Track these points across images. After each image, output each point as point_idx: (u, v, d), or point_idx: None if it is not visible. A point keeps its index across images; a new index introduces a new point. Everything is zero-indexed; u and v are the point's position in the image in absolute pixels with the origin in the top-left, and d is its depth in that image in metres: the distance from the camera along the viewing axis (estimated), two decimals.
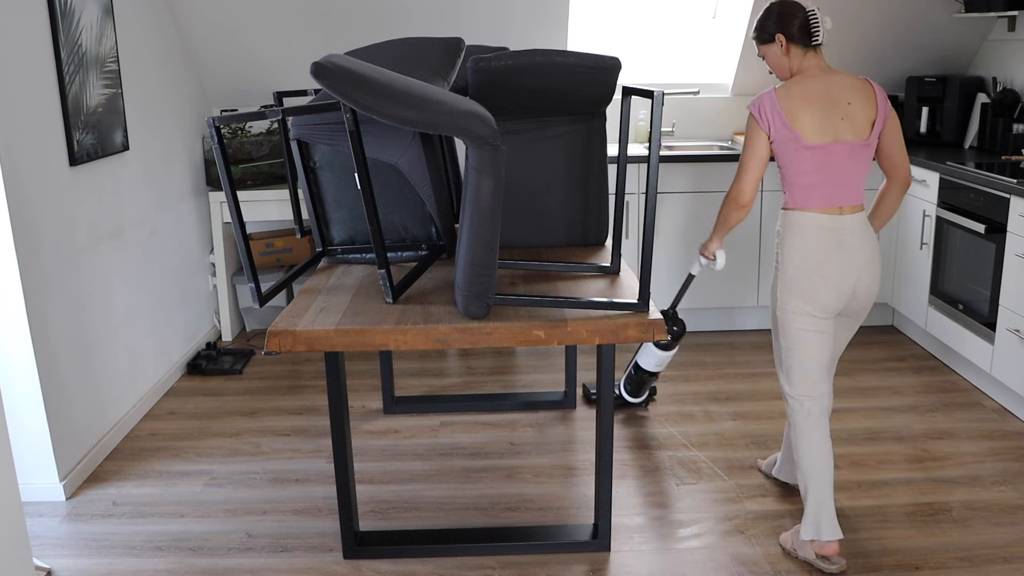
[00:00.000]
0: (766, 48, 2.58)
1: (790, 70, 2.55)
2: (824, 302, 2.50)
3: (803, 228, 2.50)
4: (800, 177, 2.49)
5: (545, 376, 4.01)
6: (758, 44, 2.60)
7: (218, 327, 4.59)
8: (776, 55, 2.55)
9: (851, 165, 2.47)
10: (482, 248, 2.20)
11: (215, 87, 4.50)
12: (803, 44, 2.51)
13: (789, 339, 2.55)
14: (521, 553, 2.65)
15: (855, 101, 2.47)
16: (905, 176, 2.58)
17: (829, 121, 2.45)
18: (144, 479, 3.15)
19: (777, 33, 2.51)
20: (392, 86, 2.07)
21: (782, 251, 2.55)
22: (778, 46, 2.53)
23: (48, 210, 2.98)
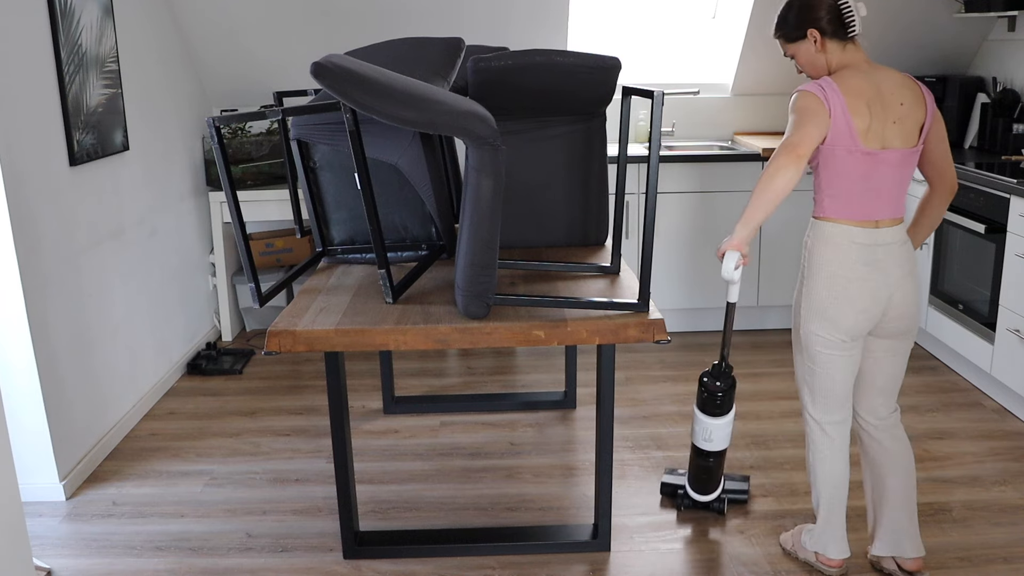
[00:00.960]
0: (795, 46, 2.29)
1: (827, 68, 2.27)
2: (850, 326, 2.28)
3: (834, 243, 2.25)
4: (842, 185, 2.23)
5: (545, 376, 4.01)
6: (784, 43, 2.32)
7: (218, 327, 4.59)
8: (809, 53, 2.27)
9: (897, 175, 2.22)
10: (482, 248, 2.20)
11: (215, 87, 4.50)
12: (839, 36, 2.23)
13: (813, 360, 2.35)
14: (521, 553, 2.65)
15: (907, 101, 2.21)
16: (952, 183, 2.33)
17: (881, 125, 2.19)
18: (144, 479, 3.15)
19: (809, 28, 2.23)
20: (392, 86, 2.07)
21: (809, 265, 2.31)
22: (811, 43, 2.25)
23: (48, 210, 2.98)
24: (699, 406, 2.63)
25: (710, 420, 2.61)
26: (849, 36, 2.23)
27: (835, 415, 2.39)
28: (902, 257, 2.28)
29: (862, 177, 2.21)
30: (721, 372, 2.58)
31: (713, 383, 2.59)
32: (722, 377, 2.57)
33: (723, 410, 2.60)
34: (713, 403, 2.59)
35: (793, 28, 2.27)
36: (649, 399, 3.73)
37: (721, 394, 2.57)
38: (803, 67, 2.33)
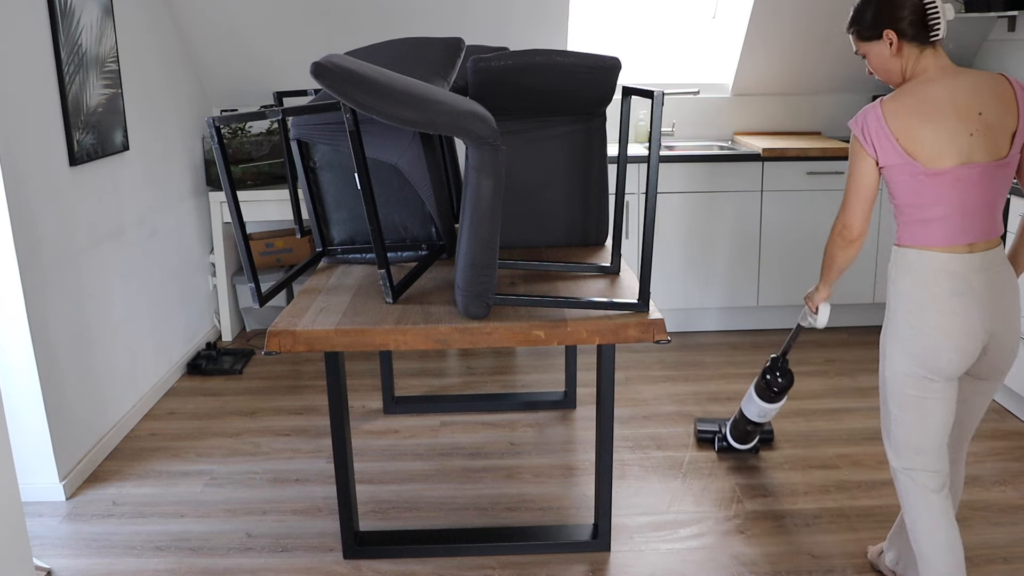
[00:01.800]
0: (868, 46, 2.07)
1: (902, 74, 2.05)
2: (942, 365, 2.03)
3: (920, 273, 2.02)
4: (918, 211, 2.02)
5: (545, 376, 4.01)
6: (857, 40, 2.11)
7: (218, 327, 4.59)
8: (883, 56, 2.05)
9: (985, 191, 1.98)
10: (482, 248, 2.20)
11: (215, 87, 4.50)
12: (919, 40, 2.00)
13: (899, 405, 2.10)
14: (521, 553, 2.65)
15: (989, 109, 1.97)
16: None
17: (955, 139, 1.95)
18: (144, 479, 3.15)
19: (886, 29, 2.01)
20: (392, 86, 2.07)
21: (892, 297, 2.09)
22: (886, 45, 2.03)
23: (48, 210, 2.98)
24: (758, 392, 2.96)
25: (766, 404, 2.97)
26: (931, 41, 2.01)
27: (931, 465, 2.11)
28: (1003, 283, 2.02)
29: (938, 199, 1.98)
30: (782, 367, 2.91)
31: (776, 378, 2.91)
32: (783, 373, 2.90)
33: (779, 398, 2.95)
34: (770, 392, 2.93)
35: (869, 26, 2.05)
36: (649, 399, 3.73)
37: (778, 389, 2.92)
38: (874, 70, 2.11)
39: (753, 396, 2.99)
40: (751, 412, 3.02)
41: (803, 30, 4.36)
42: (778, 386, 2.91)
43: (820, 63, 4.59)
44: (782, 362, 2.90)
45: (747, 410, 3.04)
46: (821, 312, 2.40)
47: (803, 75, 4.66)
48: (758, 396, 2.96)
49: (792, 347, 2.78)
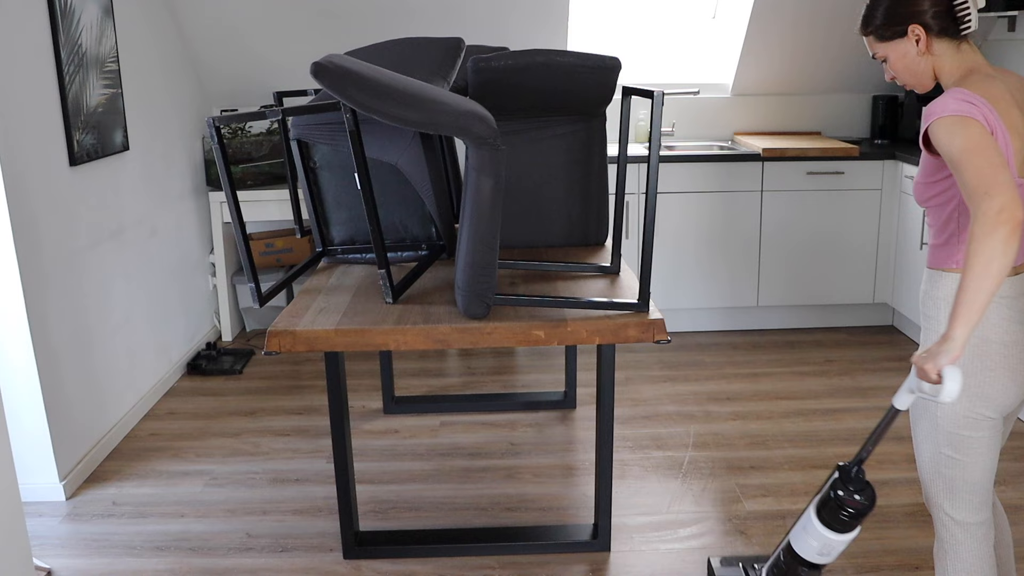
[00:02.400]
0: (889, 47, 1.81)
1: (932, 75, 1.80)
2: (1009, 402, 1.80)
3: None
4: None
5: (545, 376, 4.01)
6: (876, 42, 1.84)
7: (218, 327, 4.59)
8: (908, 56, 1.79)
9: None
10: (482, 248, 2.20)
11: (215, 87, 4.50)
12: (949, 34, 1.75)
13: (956, 448, 1.83)
14: (521, 553, 2.65)
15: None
16: None
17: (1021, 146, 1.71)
18: (144, 479, 3.15)
19: (911, 24, 1.76)
20: (392, 86, 2.07)
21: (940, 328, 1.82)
22: (911, 43, 1.77)
23: (48, 210, 2.98)
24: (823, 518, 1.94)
25: (835, 536, 1.93)
26: (962, 34, 1.76)
27: (981, 513, 1.88)
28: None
29: None
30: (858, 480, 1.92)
31: (851, 496, 1.88)
32: (861, 488, 1.90)
33: (854, 525, 1.93)
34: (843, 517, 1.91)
35: (887, 23, 1.79)
36: (649, 399, 3.73)
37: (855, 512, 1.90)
38: (897, 73, 1.84)
39: (814, 524, 1.96)
40: (809, 549, 2.01)
41: (803, 30, 4.36)
42: (856, 508, 1.90)
43: (820, 63, 4.59)
44: (857, 471, 1.93)
45: (802, 546, 2.02)
46: (949, 379, 1.60)
47: (803, 75, 4.66)
48: (823, 524, 1.95)
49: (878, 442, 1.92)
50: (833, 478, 1.94)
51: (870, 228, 4.35)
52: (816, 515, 1.95)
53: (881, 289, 4.43)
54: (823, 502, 1.94)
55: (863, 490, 1.89)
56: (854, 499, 1.88)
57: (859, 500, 1.88)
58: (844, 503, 1.89)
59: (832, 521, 1.92)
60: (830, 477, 1.96)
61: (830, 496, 1.92)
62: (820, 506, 1.95)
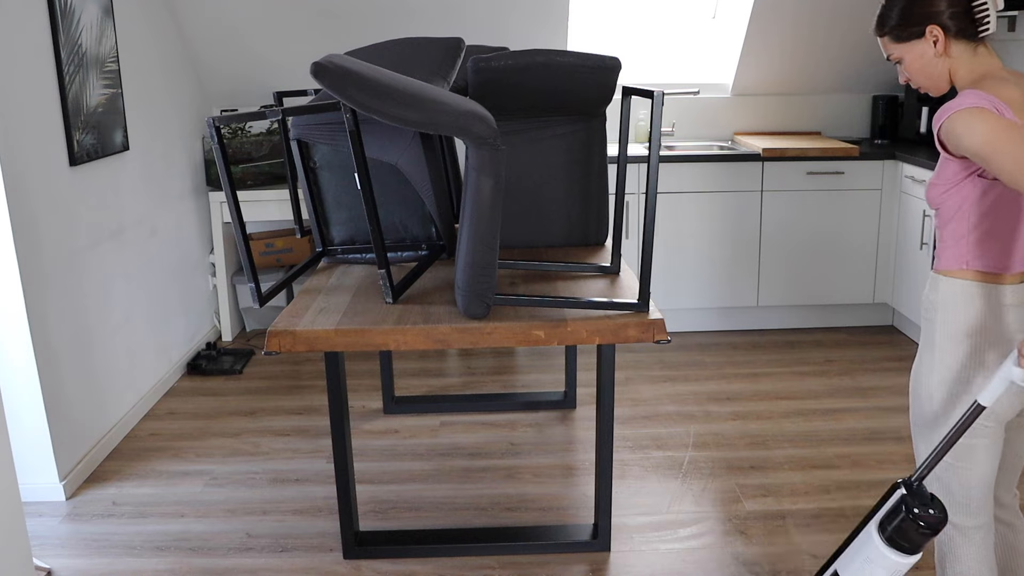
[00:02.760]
0: (905, 48, 1.78)
1: (948, 78, 1.77)
2: (1001, 408, 1.78)
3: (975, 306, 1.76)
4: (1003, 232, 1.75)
5: (545, 376, 4.01)
6: (891, 43, 1.81)
7: (218, 327, 4.59)
8: (924, 58, 1.76)
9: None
10: (482, 248, 2.20)
11: (215, 87, 4.50)
12: (967, 35, 1.72)
13: (954, 454, 1.84)
14: (521, 553, 2.65)
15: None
16: None
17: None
18: (144, 479, 3.15)
19: (929, 24, 1.73)
20: (392, 86, 2.07)
21: (944, 336, 1.79)
22: (929, 44, 1.74)
23: (48, 210, 2.98)
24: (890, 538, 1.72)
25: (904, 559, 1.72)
26: (980, 36, 1.73)
27: (980, 517, 1.87)
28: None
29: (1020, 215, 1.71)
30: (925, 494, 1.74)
31: (926, 511, 1.69)
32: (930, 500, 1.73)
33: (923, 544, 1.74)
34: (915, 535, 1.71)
35: (904, 23, 1.76)
36: (649, 399, 3.73)
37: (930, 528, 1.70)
38: (912, 76, 1.81)
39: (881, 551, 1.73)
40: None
41: (803, 30, 4.36)
42: (932, 523, 1.70)
43: (820, 63, 4.59)
44: (919, 485, 1.76)
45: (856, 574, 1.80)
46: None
47: (803, 75, 4.66)
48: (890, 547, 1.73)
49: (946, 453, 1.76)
50: (899, 495, 1.75)
51: (870, 228, 4.35)
52: (882, 538, 1.74)
53: (881, 289, 4.43)
54: (889, 522, 1.74)
55: (932, 502, 1.73)
56: (929, 514, 1.70)
57: (935, 514, 1.71)
58: (920, 519, 1.70)
59: (903, 541, 1.72)
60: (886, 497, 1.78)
61: (901, 514, 1.72)
62: (884, 526, 1.74)
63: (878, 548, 1.74)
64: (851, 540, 1.84)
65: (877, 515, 1.78)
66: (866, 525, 1.80)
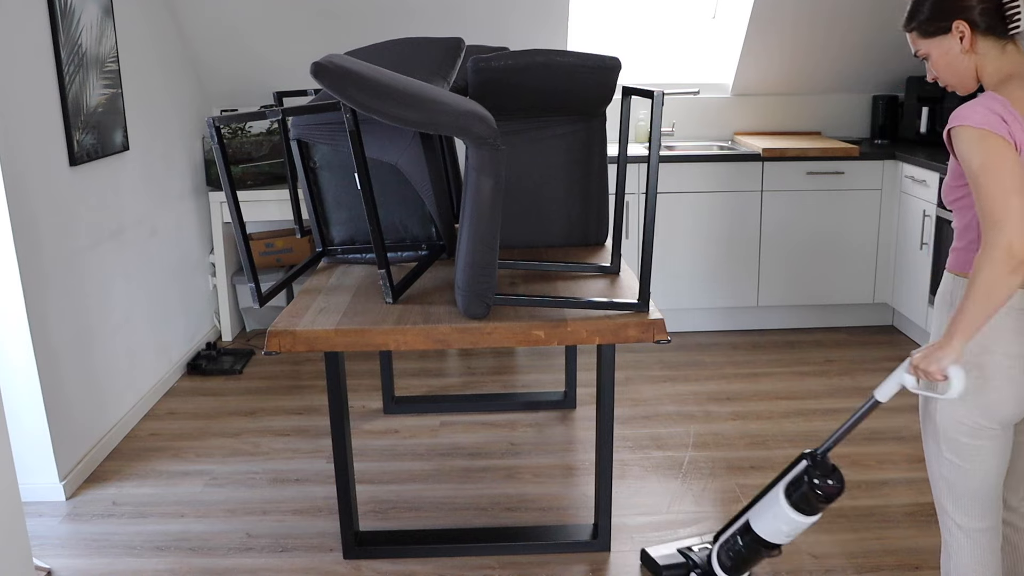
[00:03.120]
0: (932, 43, 1.76)
1: (975, 75, 1.74)
2: (1006, 414, 1.78)
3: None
4: None
5: (545, 376, 4.01)
6: (918, 38, 1.78)
7: (218, 327, 4.59)
8: (950, 54, 1.74)
9: None
10: (482, 248, 2.20)
11: (215, 87, 4.50)
12: (996, 33, 1.69)
13: (957, 453, 1.83)
14: (521, 553, 2.65)
15: None
16: None
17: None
18: (144, 479, 3.15)
19: (956, 19, 1.70)
20: (392, 86, 2.07)
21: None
22: (955, 39, 1.72)
23: (48, 210, 2.98)
24: (793, 501, 2.04)
25: (802, 518, 2.05)
26: (1009, 34, 1.70)
27: (986, 520, 1.86)
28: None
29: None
30: (827, 465, 2.04)
31: (824, 481, 2.01)
32: (832, 473, 2.03)
33: (822, 508, 2.05)
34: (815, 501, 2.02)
35: (932, 18, 1.74)
36: (649, 399, 3.73)
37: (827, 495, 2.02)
38: (938, 73, 1.78)
39: (784, 510, 2.06)
40: (774, 530, 2.11)
41: (803, 30, 4.36)
42: (828, 492, 2.01)
43: (820, 63, 4.59)
44: (823, 457, 2.05)
45: (764, 527, 2.13)
46: (955, 378, 1.70)
47: (803, 75, 4.66)
48: (793, 507, 2.05)
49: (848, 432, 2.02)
50: (803, 465, 2.05)
51: (870, 228, 4.35)
52: (787, 500, 2.04)
53: (881, 289, 4.43)
54: (794, 488, 2.04)
55: (833, 474, 2.02)
56: (828, 484, 2.00)
57: (833, 484, 2.00)
58: (817, 488, 2.00)
59: (804, 505, 2.03)
60: (794, 465, 2.08)
61: (803, 482, 2.02)
62: (790, 492, 2.04)
63: (783, 508, 2.05)
64: (761, 497, 2.15)
65: (785, 479, 2.08)
66: (775, 486, 2.10)
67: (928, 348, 1.73)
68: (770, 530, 2.12)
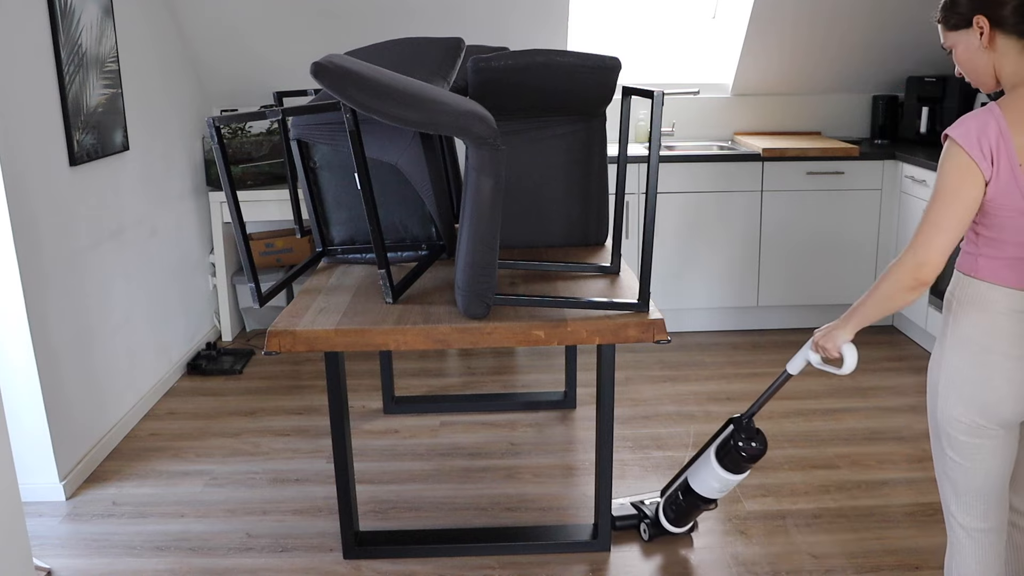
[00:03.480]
0: (956, 37, 1.74)
1: (992, 73, 1.72)
2: (1007, 416, 1.77)
3: (992, 312, 1.73)
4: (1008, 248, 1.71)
5: (545, 376, 4.01)
6: (944, 29, 1.77)
7: (218, 327, 4.59)
8: (972, 49, 1.71)
9: None
10: (482, 248, 2.20)
11: (215, 87, 4.50)
12: (1018, 32, 1.66)
13: (956, 450, 1.83)
14: (521, 553, 2.65)
15: None
16: None
17: None
18: (144, 479, 3.15)
19: (976, 14, 1.68)
20: (392, 86, 2.07)
21: (953, 333, 1.79)
22: (975, 34, 1.69)
23: (48, 210, 2.98)
24: (723, 461, 2.38)
25: (731, 476, 2.40)
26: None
27: (988, 520, 1.85)
28: None
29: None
30: (751, 429, 2.37)
31: (748, 444, 2.34)
32: (755, 436, 2.36)
33: (749, 466, 2.39)
34: (741, 460, 2.36)
35: (956, 11, 1.72)
36: (649, 399, 3.73)
37: (751, 455, 2.35)
38: (960, 66, 1.77)
39: (714, 466, 2.40)
40: (708, 487, 2.46)
41: (803, 30, 4.36)
42: (752, 453, 2.35)
43: (820, 63, 4.59)
44: (748, 422, 2.37)
45: (700, 484, 2.47)
46: (848, 355, 1.90)
47: (803, 75, 4.66)
48: (724, 468, 2.39)
49: (767, 402, 2.32)
50: (730, 429, 2.38)
51: (870, 228, 4.35)
52: (717, 461, 2.39)
53: None
54: (723, 450, 2.38)
55: (756, 437, 2.35)
56: (751, 446, 2.34)
57: (755, 447, 2.34)
58: (743, 450, 2.34)
59: (731, 465, 2.37)
60: (723, 429, 2.41)
61: (730, 444, 2.35)
62: (720, 453, 2.38)
63: (714, 468, 2.40)
64: (696, 459, 2.51)
65: (715, 442, 2.42)
66: (707, 448, 2.45)
67: (827, 327, 1.92)
68: (705, 487, 2.46)
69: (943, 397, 1.81)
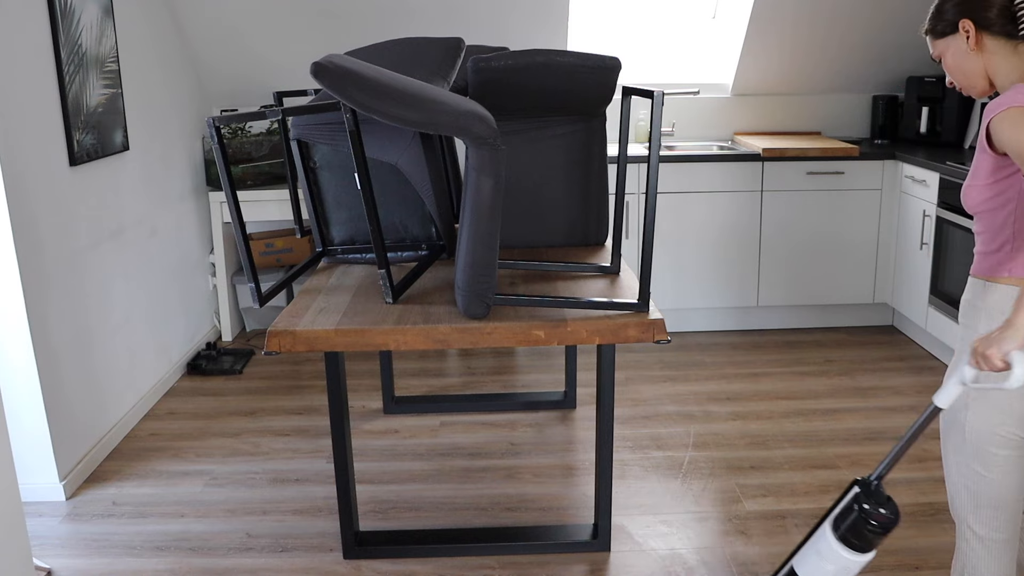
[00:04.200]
0: (944, 43, 1.75)
1: (984, 75, 1.72)
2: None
3: None
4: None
5: (545, 376, 4.01)
6: (932, 39, 1.78)
7: (218, 327, 4.59)
8: (960, 53, 1.72)
9: None
10: (482, 248, 2.20)
11: (215, 87, 4.50)
12: (1006, 34, 1.67)
13: (984, 464, 1.79)
14: (521, 553, 2.65)
15: None
16: None
17: None
18: (144, 479, 3.15)
19: (962, 19, 1.69)
20: (392, 86, 2.07)
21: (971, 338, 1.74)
22: (962, 38, 1.71)
23: (48, 210, 2.98)
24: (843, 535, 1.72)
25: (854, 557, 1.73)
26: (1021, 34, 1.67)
27: (1005, 531, 1.83)
28: None
29: None
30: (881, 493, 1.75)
31: (876, 510, 1.70)
32: (886, 502, 1.74)
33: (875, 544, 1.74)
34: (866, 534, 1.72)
35: (943, 18, 1.74)
36: (649, 399, 3.73)
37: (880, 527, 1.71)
38: (950, 73, 1.77)
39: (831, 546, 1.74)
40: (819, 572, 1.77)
41: (803, 30, 4.36)
42: (882, 522, 1.71)
43: (820, 63, 4.59)
44: (877, 485, 1.76)
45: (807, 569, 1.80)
46: (1018, 363, 1.52)
47: (803, 75, 4.66)
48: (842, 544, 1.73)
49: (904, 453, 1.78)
50: (853, 493, 1.76)
51: (870, 228, 4.35)
52: (834, 535, 1.74)
53: (881, 289, 4.43)
54: (842, 519, 1.75)
55: (887, 503, 1.73)
56: (880, 513, 1.71)
57: (885, 514, 1.71)
58: (870, 517, 1.71)
59: (854, 539, 1.73)
60: (845, 494, 1.79)
61: (853, 512, 1.73)
62: (838, 524, 1.75)
63: (830, 544, 1.73)
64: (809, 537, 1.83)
65: (833, 512, 1.78)
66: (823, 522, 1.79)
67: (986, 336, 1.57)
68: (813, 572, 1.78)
69: (974, 411, 1.75)
